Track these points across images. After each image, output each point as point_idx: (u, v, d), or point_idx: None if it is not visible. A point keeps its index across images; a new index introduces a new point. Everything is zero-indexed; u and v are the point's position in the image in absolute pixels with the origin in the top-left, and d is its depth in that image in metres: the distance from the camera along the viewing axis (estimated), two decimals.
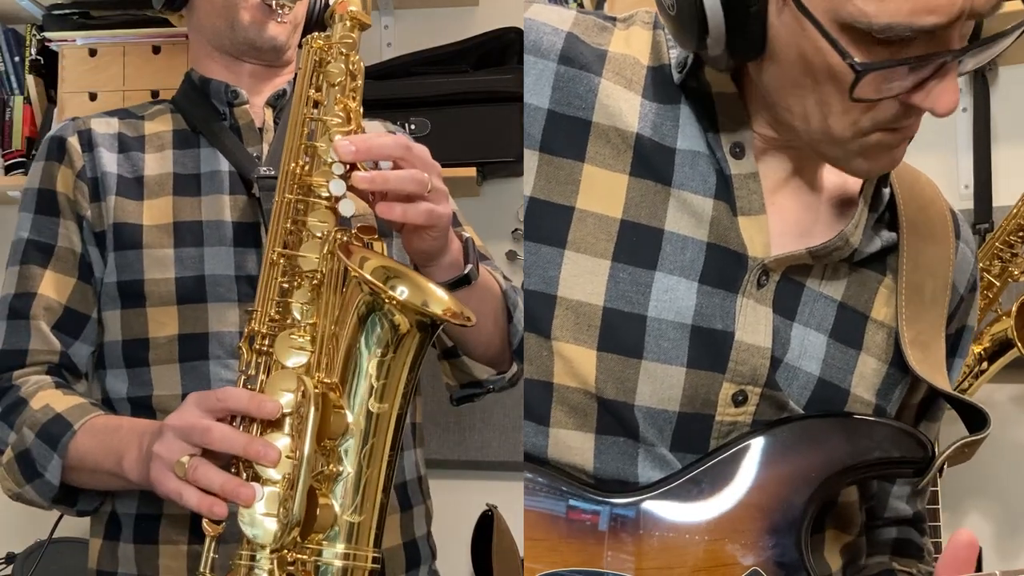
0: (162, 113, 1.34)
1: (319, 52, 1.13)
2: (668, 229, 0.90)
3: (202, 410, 1.02)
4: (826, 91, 0.81)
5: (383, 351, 0.99)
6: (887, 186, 0.95)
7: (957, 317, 1.01)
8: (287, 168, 1.08)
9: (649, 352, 0.88)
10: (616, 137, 0.91)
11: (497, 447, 2.44)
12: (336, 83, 1.11)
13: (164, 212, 1.24)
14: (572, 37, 0.93)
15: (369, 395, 0.99)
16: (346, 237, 1.06)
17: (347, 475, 0.99)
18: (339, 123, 1.09)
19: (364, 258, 1.03)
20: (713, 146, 0.91)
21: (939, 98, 0.78)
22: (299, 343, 1.04)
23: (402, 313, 0.98)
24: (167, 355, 1.22)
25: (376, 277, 1.01)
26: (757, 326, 0.89)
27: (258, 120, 1.32)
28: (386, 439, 1.00)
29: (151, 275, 1.22)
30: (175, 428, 1.02)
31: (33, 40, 2.37)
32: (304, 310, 1.05)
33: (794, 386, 0.91)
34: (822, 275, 0.93)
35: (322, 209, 1.07)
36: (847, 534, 0.99)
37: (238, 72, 1.33)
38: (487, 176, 2.44)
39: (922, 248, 0.96)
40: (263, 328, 1.05)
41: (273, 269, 1.06)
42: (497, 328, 1.27)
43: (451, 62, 2.39)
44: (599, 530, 0.87)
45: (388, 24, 2.57)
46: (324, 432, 0.98)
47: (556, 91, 0.91)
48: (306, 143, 1.09)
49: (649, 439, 0.89)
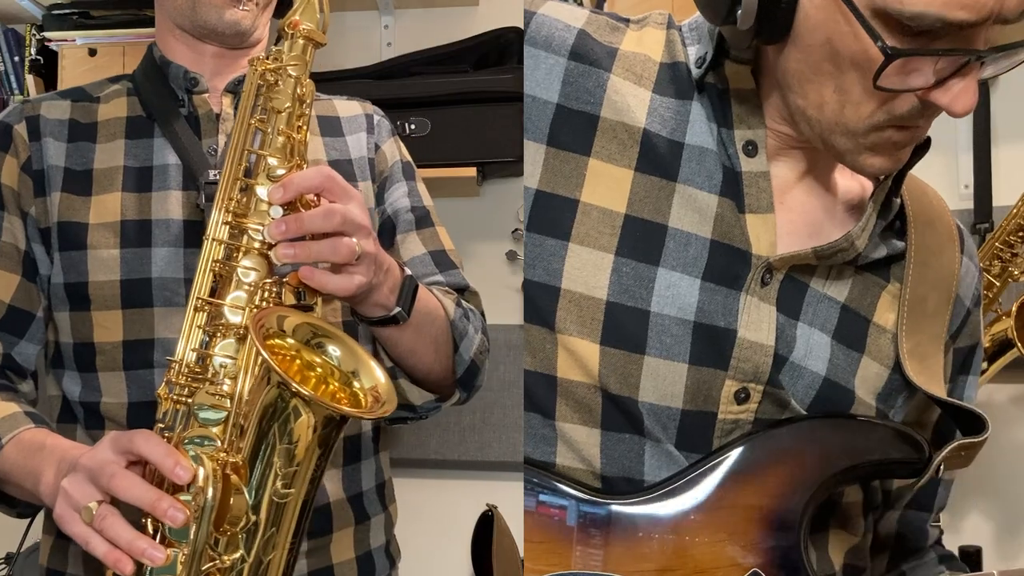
0: (118, 95, 1.27)
1: (265, 75, 1.06)
2: (672, 225, 0.90)
3: (115, 451, 0.96)
4: (848, 79, 0.82)
5: (288, 440, 0.93)
6: (898, 196, 0.95)
7: (967, 332, 1.01)
8: (221, 204, 1.03)
9: (652, 348, 0.88)
10: (623, 132, 0.91)
11: (497, 447, 2.44)
12: (282, 110, 1.05)
13: (112, 209, 1.19)
14: (584, 34, 0.94)
15: (273, 481, 0.93)
16: (276, 289, 1.00)
17: (244, 564, 0.93)
18: (279, 162, 1.03)
19: (282, 316, 0.98)
20: (726, 143, 0.91)
21: (958, 97, 0.79)
22: (216, 399, 0.97)
23: (308, 409, 0.92)
24: (112, 362, 1.17)
25: (300, 336, 0.96)
26: (760, 324, 0.89)
27: (216, 107, 1.25)
28: (289, 527, 0.95)
29: (96, 277, 1.17)
30: (85, 468, 0.96)
31: (33, 40, 2.38)
32: (225, 364, 0.99)
33: (799, 385, 0.91)
34: (826, 276, 0.93)
35: (254, 254, 1.01)
36: (851, 535, 0.99)
37: (201, 53, 1.26)
38: (487, 176, 2.45)
39: (929, 261, 0.96)
40: (181, 379, 1.00)
41: (197, 315, 1.01)
42: (438, 357, 1.22)
43: (451, 62, 2.38)
44: (599, 532, 0.87)
45: (388, 24, 2.57)
46: (223, 515, 0.92)
47: (566, 86, 0.92)
48: (242, 180, 1.04)
49: (655, 435, 0.89)
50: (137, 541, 0.92)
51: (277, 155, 1.03)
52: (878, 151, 0.86)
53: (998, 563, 2.20)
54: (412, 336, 1.15)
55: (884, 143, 0.85)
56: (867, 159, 0.86)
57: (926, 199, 0.99)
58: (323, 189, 1.02)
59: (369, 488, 1.28)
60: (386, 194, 1.33)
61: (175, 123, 1.23)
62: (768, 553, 0.86)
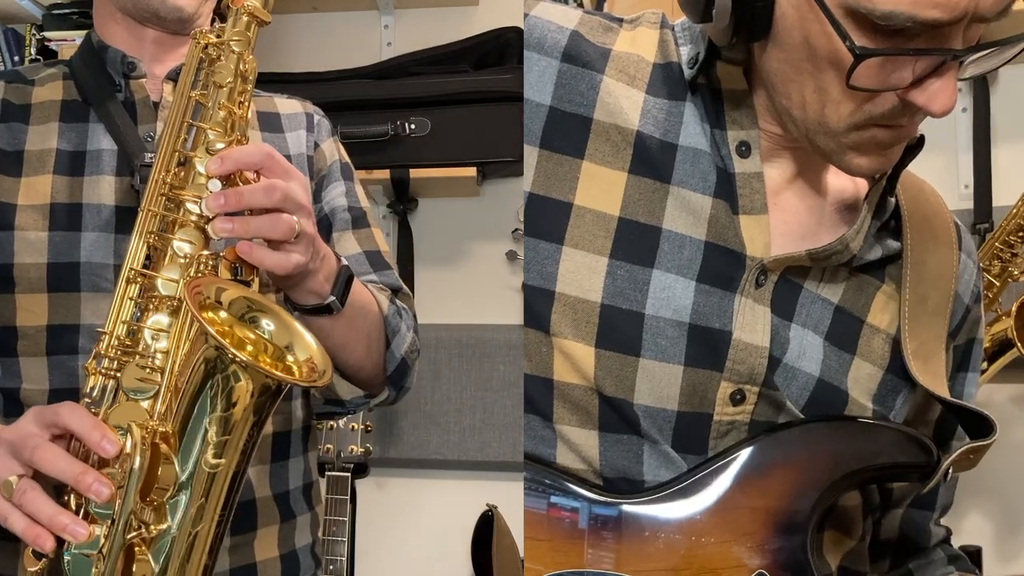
0: (54, 79, 1.23)
1: (208, 48, 1.04)
2: (666, 227, 0.90)
3: (38, 425, 0.93)
4: (826, 78, 0.81)
5: (224, 406, 0.90)
6: (893, 195, 0.95)
7: (965, 329, 1.01)
8: (157, 177, 1.00)
9: (647, 350, 0.88)
10: (616, 135, 0.91)
11: (497, 447, 2.44)
12: (224, 84, 1.02)
13: (42, 192, 1.15)
14: (576, 35, 0.93)
15: (205, 450, 0.91)
16: (212, 262, 0.98)
17: (171, 534, 0.90)
18: (218, 135, 1.00)
19: (220, 288, 0.96)
20: (719, 144, 0.91)
21: (935, 96, 0.78)
22: (146, 373, 0.95)
23: (246, 374, 0.90)
24: (35, 347, 1.13)
25: (235, 309, 0.95)
26: (755, 325, 0.89)
27: (155, 95, 1.21)
28: (219, 498, 0.92)
29: (21, 259, 1.12)
30: (6, 441, 0.93)
31: (33, 40, 2.37)
32: (156, 337, 0.96)
33: (793, 386, 0.91)
34: (820, 278, 0.92)
35: (190, 228, 0.98)
36: (848, 538, 0.99)
37: (141, 38, 1.23)
38: (487, 176, 2.45)
39: (926, 259, 0.96)
40: (110, 352, 0.97)
41: (128, 287, 0.99)
42: (369, 353, 1.21)
43: (451, 62, 2.39)
44: (602, 531, 0.87)
45: (388, 24, 2.57)
46: (150, 485, 0.89)
47: (558, 88, 0.91)
48: (181, 151, 1.01)
49: (652, 436, 0.89)
50: (59, 516, 0.89)
51: (218, 128, 1.00)
52: (862, 151, 0.85)
53: (998, 563, 2.20)
54: (344, 329, 1.13)
55: (867, 143, 0.84)
56: (852, 159, 0.86)
57: (923, 196, 0.99)
58: (263, 167, 1.00)
59: (296, 487, 1.26)
60: (323, 192, 1.32)
61: (111, 107, 1.20)
62: (775, 554, 0.86)
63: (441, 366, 2.47)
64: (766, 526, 0.87)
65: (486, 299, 2.48)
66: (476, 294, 2.48)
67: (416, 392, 2.46)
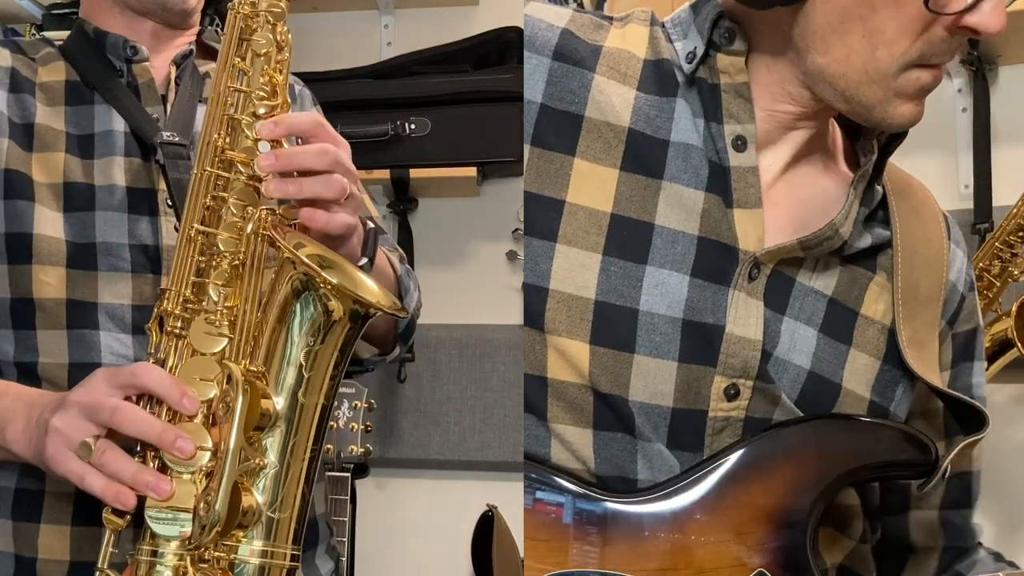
0: (54, 59, 1.23)
1: (245, 19, 1.06)
2: (659, 223, 0.90)
3: (111, 386, 0.93)
4: (880, 17, 0.83)
5: (312, 339, 0.94)
6: (879, 183, 0.96)
7: (964, 317, 1.02)
8: (208, 139, 1.02)
9: (641, 346, 0.89)
10: (608, 132, 0.91)
11: (497, 447, 2.44)
12: (262, 53, 1.04)
13: (54, 170, 1.14)
14: (567, 33, 0.94)
15: (297, 385, 0.94)
16: (271, 218, 1.00)
17: (271, 469, 0.93)
18: (263, 96, 1.03)
19: (299, 243, 0.98)
20: (715, 138, 0.91)
21: (989, 15, 0.81)
22: (216, 328, 0.97)
23: (337, 299, 0.93)
24: (54, 320, 1.10)
25: (313, 260, 0.96)
26: (748, 319, 0.90)
27: (159, 80, 1.22)
28: (311, 431, 0.95)
29: (41, 230, 1.11)
30: (79, 404, 0.92)
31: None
32: (222, 292, 0.98)
33: (784, 379, 0.91)
34: (813, 269, 0.93)
35: (242, 187, 1.01)
36: (846, 537, 0.99)
37: (139, 29, 1.23)
38: (487, 176, 2.45)
39: (916, 248, 0.96)
40: (176, 309, 0.98)
41: (189, 246, 0.99)
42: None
43: (451, 62, 2.39)
44: (602, 530, 0.87)
45: (388, 24, 2.57)
46: (249, 423, 0.92)
47: (550, 86, 0.92)
48: (229, 116, 1.03)
49: (646, 434, 0.89)
50: (142, 474, 0.89)
51: (262, 92, 1.03)
52: (908, 96, 0.86)
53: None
54: None
55: (912, 86, 0.86)
56: (897, 107, 0.87)
57: (910, 189, 1.00)
58: (313, 135, 1.01)
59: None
60: None
61: (116, 89, 1.19)
62: (774, 553, 0.86)
63: (441, 366, 2.47)
64: (765, 524, 0.87)
65: (486, 299, 2.48)
66: (476, 294, 2.48)
67: (416, 392, 2.47)
